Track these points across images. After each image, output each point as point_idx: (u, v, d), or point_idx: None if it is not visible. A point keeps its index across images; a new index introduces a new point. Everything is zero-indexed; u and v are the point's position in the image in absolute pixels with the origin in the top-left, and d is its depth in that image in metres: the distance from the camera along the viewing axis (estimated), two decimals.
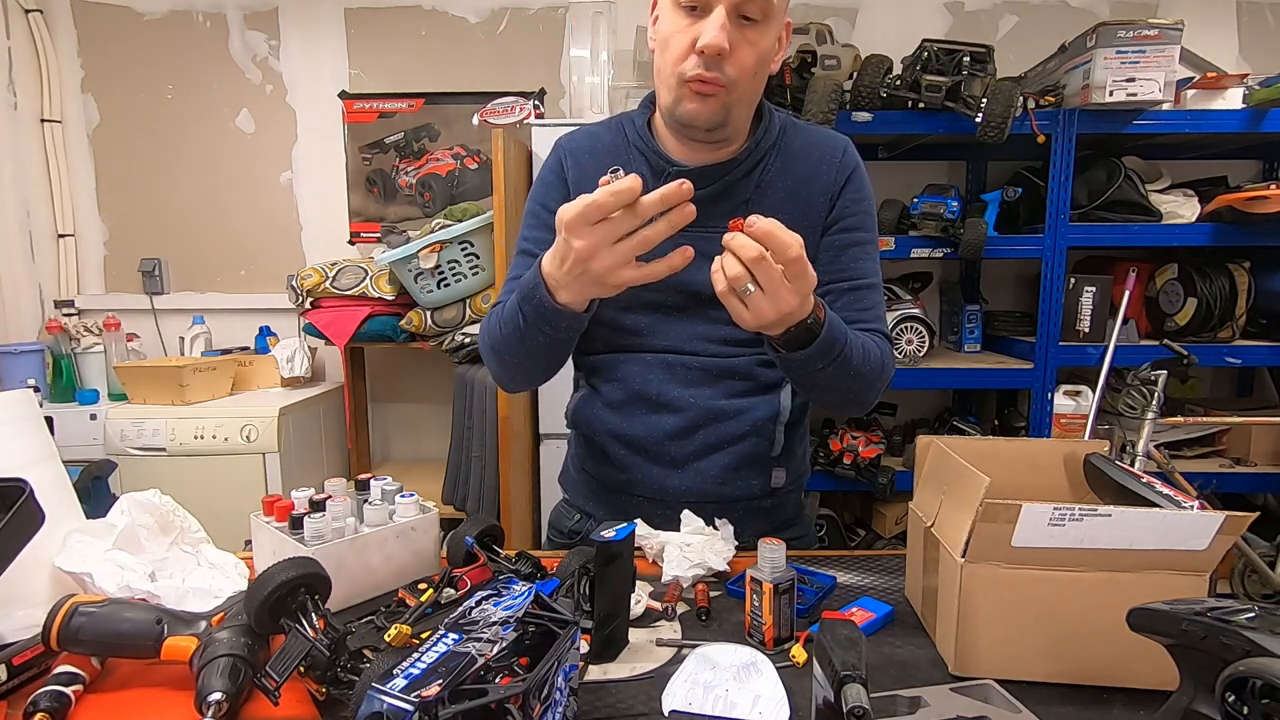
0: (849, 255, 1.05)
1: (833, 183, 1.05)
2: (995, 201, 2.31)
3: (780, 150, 1.05)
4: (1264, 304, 2.34)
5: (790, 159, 1.05)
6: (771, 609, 0.79)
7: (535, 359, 0.99)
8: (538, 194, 1.12)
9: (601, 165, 1.05)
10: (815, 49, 2.15)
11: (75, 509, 0.92)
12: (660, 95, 1.01)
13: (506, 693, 0.55)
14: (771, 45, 0.95)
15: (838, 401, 0.99)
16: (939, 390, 2.82)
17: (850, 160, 1.06)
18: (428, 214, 2.76)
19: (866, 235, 1.06)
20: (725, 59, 0.92)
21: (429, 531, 0.95)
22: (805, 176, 1.04)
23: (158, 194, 2.81)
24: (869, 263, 1.06)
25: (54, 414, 2.26)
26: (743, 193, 1.03)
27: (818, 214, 1.04)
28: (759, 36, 0.92)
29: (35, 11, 2.66)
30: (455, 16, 2.72)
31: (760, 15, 0.91)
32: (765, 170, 1.04)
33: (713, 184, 1.02)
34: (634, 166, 1.05)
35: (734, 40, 0.91)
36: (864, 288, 1.05)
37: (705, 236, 1.01)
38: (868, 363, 0.95)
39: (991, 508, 0.70)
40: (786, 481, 1.12)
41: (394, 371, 2.91)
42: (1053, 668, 0.73)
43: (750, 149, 1.03)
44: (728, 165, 1.02)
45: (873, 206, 1.08)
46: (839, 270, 1.04)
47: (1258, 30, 2.69)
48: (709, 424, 1.05)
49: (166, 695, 0.72)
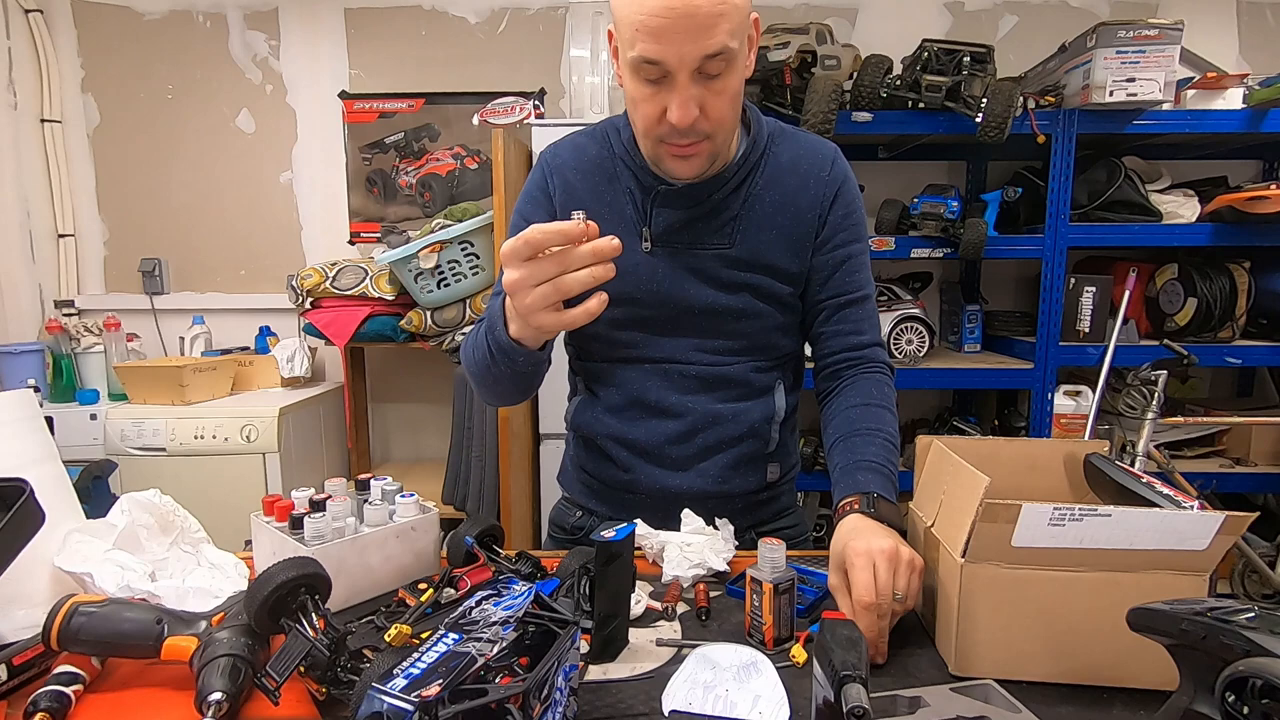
0: (845, 270, 1.05)
1: (822, 198, 1.03)
2: (995, 201, 2.31)
3: (768, 161, 1.03)
4: (1264, 304, 2.34)
5: (778, 171, 1.03)
6: (771, 609, 0.79)
7: (502, 386, 0.98)
8: (523, 209, 1.10)
9: (590, 184, 1.04)
10: (815, 49, 2.15)
11: (75, 509, 0.92)
12: (640, 142, 0.99)
13: (506, 693, 0.55)
14: (738, 80, 0.91)
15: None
16: (939, 390, 2.82)
17: (839, 173, 1.05)
18: (428, 214, 2.76)
19: (860, 246, 1.07)
20: (699, 120, 0.89)
21: (429, 531, 0.95)
22: (793, 189, 1.03)
23: (158, 194, 2.81)
24: (863, 273, 1.07)
25: (54, 414, 2.26)
26: (731, 208, 1.01)
27: (806, 227, 1.03)
28: (726, 84, 0.88)
29: (35, 11, 2.66)
30: (455, 16, 2.72)
31: (723, 67, 0.86)
32: (753, 184, 1.02)
33: (700, 204, 1.01)
34: (622, 181, 1.03)
35: (702, 99, 0.87)
36: (859, 300, 1.06)
37: (692, 253, 1.02)
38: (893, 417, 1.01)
39: (991, 508, 0.70)
40: (781, 475, 1.13)
41: (394, 371, 2.91)
42: (1053, 668, 0.73)
43: (738, 163, 1.01)
44: (715, 183, 1.00)
45: (863, 214, 1.08)
46: (837, 286, 1.05)
47: (1258, 30, 2.69)
48: (708, 427, 1.06)
49: (166, 695, 0.72)
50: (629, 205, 1.03)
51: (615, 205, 1.03)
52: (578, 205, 1.01)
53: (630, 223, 1.02)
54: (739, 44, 0.86)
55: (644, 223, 1.02)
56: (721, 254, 1.02)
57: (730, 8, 0.82)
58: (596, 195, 1.04)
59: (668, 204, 1.01)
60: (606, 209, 1.03)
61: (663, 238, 1.02)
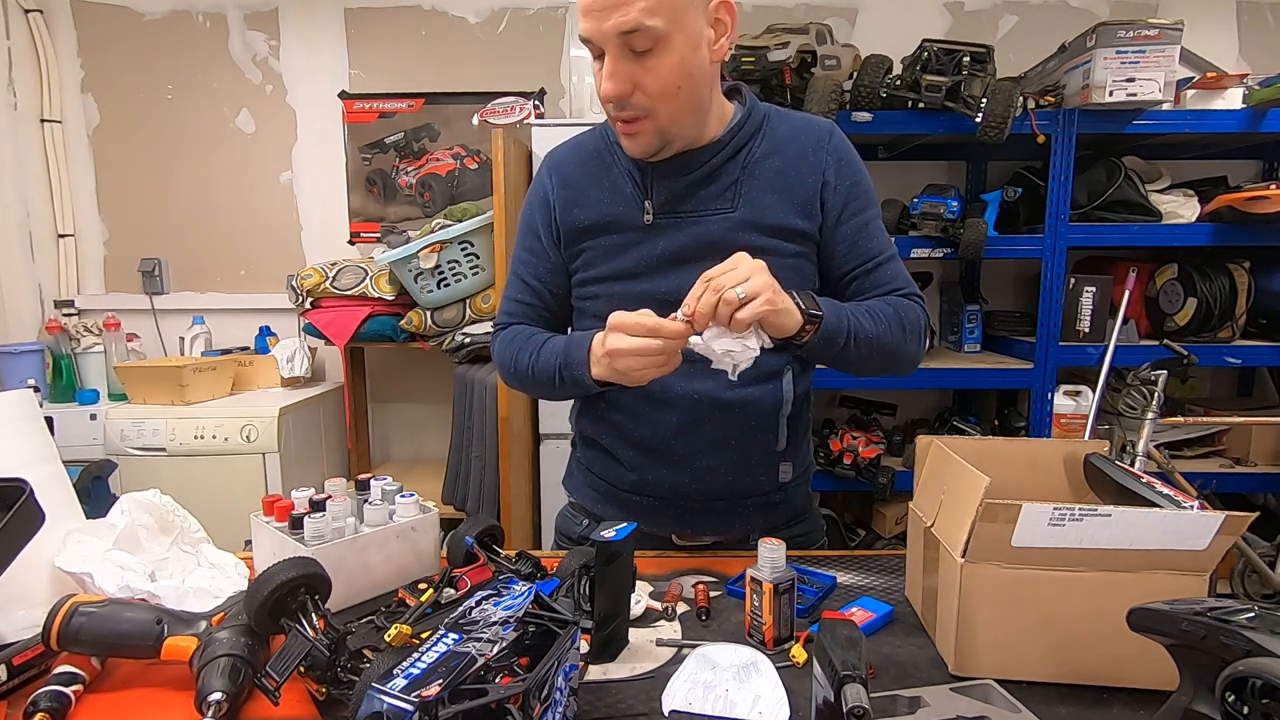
0: (863, 237, 1.05)
1: (822, 166, 1.04)
2: (995, 201, 2.31)
3: (766, 133, 1.05)
4: (1264, 304, 2.34)
5: (777, 141, 1.05)
6: (771, 609, 0.79)
7: (554, 396, 1.09)
8: (526, 214, 1.15)
9: (588, 173, 1.08)
10: (815, 49, 2.15)
11: (75, 509, 0.92)
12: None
13: (506, 693, 0.55)
14: (681, 57, 0.92)
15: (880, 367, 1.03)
16: (939, 390, 2.82)
17: (838, 143, 1.06)
18: (428, 214, 2.76)
19: (874, 212, 1.07)
20: (633, 94, 0.93)
21: (429, 531, 0.95)
22: (794, 156, 1.04)
23: (158, 194, 2.81)
24: (881, 237, 1.07)
25: (54, 414, 2.26)
26: (731, 173, 1.03)
27: (810, 190, 1.04)
28: (659, 62, 0.91)
29: (35, 11, 2.65)
30: (455, 16, 2.72)
31: (649, 45, 0.90)
32: (751, 151, 1.04)
33: (698, 169, 1.03)
34: (620, 164, 1.07)
35: (633, 73, 0.92)
36: (884, 262, 1.06)
37: (696, 220, 1.03)
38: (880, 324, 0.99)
39: (991, 508, 0.71)
40: (794, 475, 1.12)
41: (394, 371, 2.91)
42: (1053, 668, 0.73)
43: (732, 130, 1.03)
44: (712, 148, 1.03)
45: (868, 179, 1.08)
46: (858, 255, 1.05)
47: (1258, 30, 2.69)
48: (713, 417, 1.05)
49: (166, 695, 0.72)
50: (628, 184, 1.06)
51: (615, 186, 1.07)
52: (576, 196, 1.08)
53: (630, 200, 1.05)
54: (664, 24, 0.89)
55: (645, 196, 1.05)
56: (725, 217, 1.03)
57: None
58: (594, 181, 1.08)
59: (665, 175, 1.04)
60: (606, 192, 1.07)
61: (665, 207, 1.04)
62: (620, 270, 1.06)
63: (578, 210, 1.08)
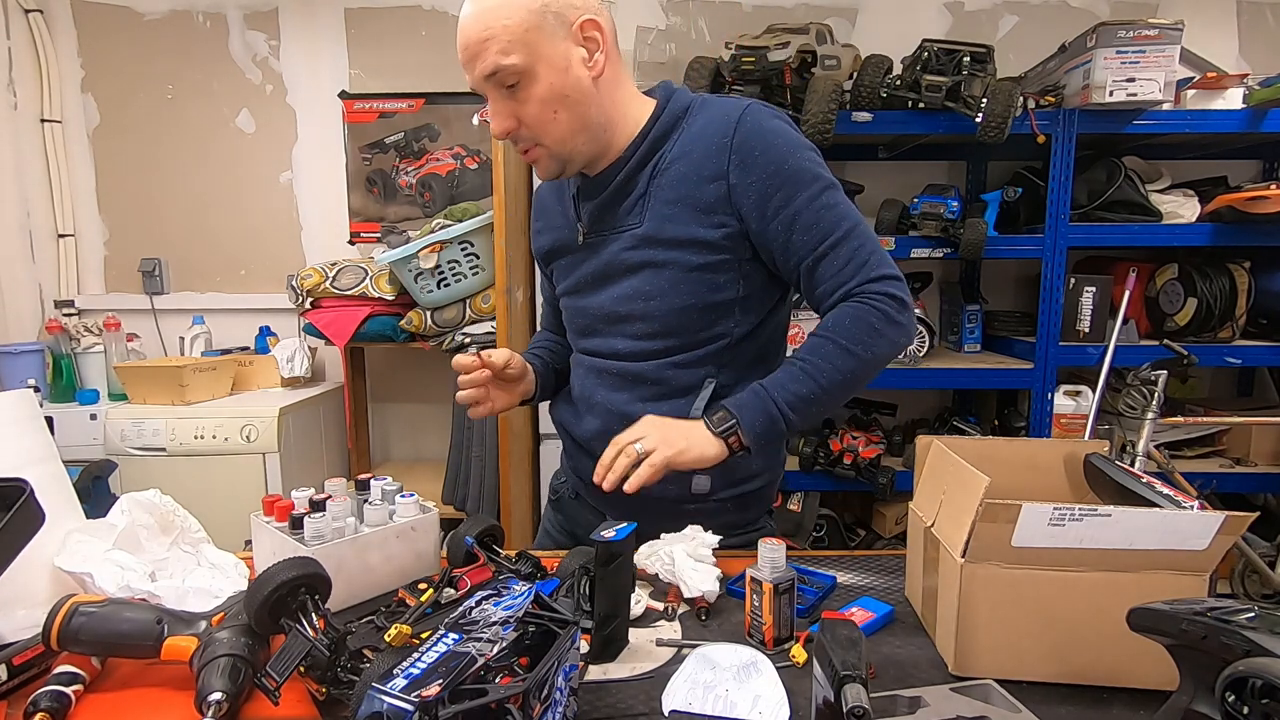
0: (798, 229, 0.98)
1: (725, 168, 0.98)
2: (995, 201, 2.31)
3: (681, 134, 1.02)
4: (1264, 304, 2.34)
5: (689, 141, 1.01)
6: (771, 609, 0.79)
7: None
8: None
9: (551, 199, 1.19)
10: (815, 49, 2.15)
11: (75, 509, 0.92)
12: None
13: (506, 693, 0.55)
14: (550, 84, 0.95)
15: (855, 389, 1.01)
16: (939, 390, 2.82)
17: (745, 134, 0.97)
18: (428, 214, 2.76)
19: (804, 197, 0.97)
20: (518, 128, 0.98)
21: (429, 531, 0.95)
22: (698, 160, 0.99)
23: (158, 194, 2.80)
24: (823, 220, 0.97)
25: (54, 414, 2.26)
26: (639, 187, 1.03)
27: (710, 200, 0.99)
28: (529, 94, 0.95)
29: (35, 11, 2.65)
30: (455, 16, 2.71)
31: (515, 80, 0.94)
32: (661, 159, 1.02)
33: (606, 189, 1.05)
34: (569, 189, 1.12)
35: (512, 109, 0.97)
36: (831, 249, 0.97)
37: (615, 236, 1.06)
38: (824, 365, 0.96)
39: (991, 508, 0.71)
40: (713, 490, 1.06)
41: (394, 371, 2.91)
42: (1053, 668, 0.73)
43: (637, 141, 1.03)
44: (616, 166, 1.04)
45: (795, 159, 0.98)
46: (797, 250, 0.98)
47: (1258, 30, 2.69)
48: (622, 427, 1.00)
49: (166, 695, 0.72)
50: (571, 207, 1.11)
51: (564, 210, 1.13)
52: (543, 222, 1.19)
53: (571, 222, 1.12)
54: (521, 59, 0.93)
55: (578, 218, 1.10)
56: (632, 234, 1.04)
57: (496, 31, 0.93)
58: (553, 207, 1.16)
59: (589, 195, 1.07)
60: (559, 216, 1.14)
61: (593, 227, 1.08)
62: (568, 288, 1.14)
63: (541, 236, 1.18)
